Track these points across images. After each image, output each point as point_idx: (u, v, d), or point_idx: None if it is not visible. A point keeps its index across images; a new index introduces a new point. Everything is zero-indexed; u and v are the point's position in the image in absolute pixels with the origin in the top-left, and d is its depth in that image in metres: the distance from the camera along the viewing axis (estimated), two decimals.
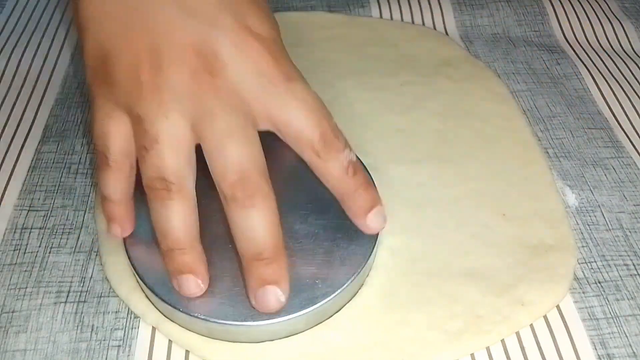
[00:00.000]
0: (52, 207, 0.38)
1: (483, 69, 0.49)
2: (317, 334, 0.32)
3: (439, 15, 0.55)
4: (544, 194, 0.39)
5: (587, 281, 0.35)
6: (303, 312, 0.31)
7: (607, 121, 0.45)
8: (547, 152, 0.43)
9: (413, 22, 0.54)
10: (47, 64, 0.49)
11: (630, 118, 0.46)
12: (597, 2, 0.56)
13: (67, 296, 0.34)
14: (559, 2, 0.56)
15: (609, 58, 0.51)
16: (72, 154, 0.42)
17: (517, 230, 0.37)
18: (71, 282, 0.35)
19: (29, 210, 0.38)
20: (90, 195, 0.39)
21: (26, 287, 0.34)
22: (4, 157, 0.41)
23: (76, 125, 0.44)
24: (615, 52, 0.52)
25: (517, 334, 0.33)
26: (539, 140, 0.44)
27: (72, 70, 0.49)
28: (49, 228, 0.37)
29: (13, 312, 0.33)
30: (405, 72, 0.48)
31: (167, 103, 0.29)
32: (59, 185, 0.40)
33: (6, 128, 0.43)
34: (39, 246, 0.36)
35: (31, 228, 0.37)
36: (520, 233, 0.37)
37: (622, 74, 0.49)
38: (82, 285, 0.35)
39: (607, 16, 0.55)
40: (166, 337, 0.33)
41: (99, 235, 0.37)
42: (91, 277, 0.35)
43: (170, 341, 0.33)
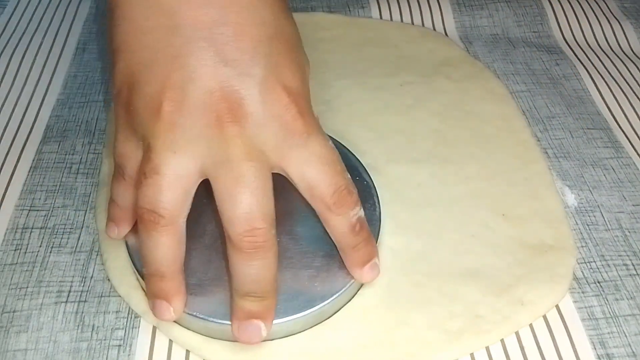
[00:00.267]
0: (53, 207, 0.39)
1: (482, 70, 0.49)
2: (317, 334, 0.32)
3: (439, 15, 0.55)
4: (544, 194, 0.39)
5: (587, 281, 0.36)
6: (301, 315, 0.31)
7: (606, 121, 0.45)
8: (547, 153, 0.43)
9: (413, 23, 0.54)
10: (49, 65, 0.49)
11: (629, 118, 0.46)
12: (597, 3, 0.56)
13: (68, 296, 0.34)
14: (559, 3, 0.56)
15: (608, 59, 0.51)
16: (73, 154, 0.42)
17: (517, 230, 0.37)
18: (72, 282, 0.35)
19: (30, 210, 0.38)
20: (91, 195, 0.39)
21: (27, 287, 0.34)
22: (5, 157, 0.41)
23: (77, 125, 0.44)
24: (614, 53, 0.52)
25: (517, 334, 0.33)
26: (539, 140, 0.44)
27: (74, 70, 0.49)
28: (50, 228, 0.37)
29: (14, 312, 0.33)
30: (405, 72, 0.48)
31: (179, 141, 0.29)
32: (60, 185, 0.40)
33: (7, 128, 0.43)
34: (40, 246, 0.36)
35: (32, 228, 0.37)
36: (520, 233, 0.37)
37: (621, 75, 0.49)
38: (83, 285, 0.35)
39: (607, 17, 0.55)
40: (166, 337, 0.33)
41: (100, 234, 0.37)
42: (92, 277, 0.35)
43: (170, 341, 0.33)
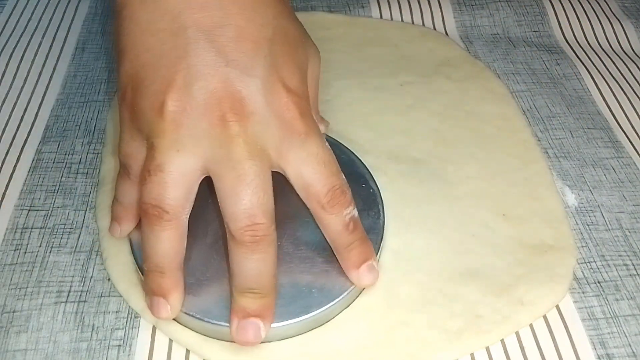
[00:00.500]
0: (53, 207, 0.39)
1: (483, 69, 0.49)
2: (317, 334, 0.32)
3: (439, 15, 0.55)
4: (544, 194, 0.39)
5: (587, 281, 0.35)
6: (296, 320, 0.31)
7: (607, 121, 0.45)
8: (547, 152, 0.43)
9: (413, 23, 0.54)
10: (48, 65, 0.49)
11: (629, 118, 0.46)
12: (597, 2, 0.56)
13: (68, 296, 0.34)
14: (559, 2, 0.56)
15: (609, 58, 0.51)
16: (73, 154, 0.42)
17: (517, 230, 0.37)
18: (72, 282, 0.35)
19: (30, 210, 0.38)
20: (90, 195, 0.39)
21: (27, 287, 0.34)
22: (5, 157, 0.41)
23: (77, 125, 0.44)
24: (615, 53, 0.52)
25: (517, 334, 0.33)
26: (539, 140, 0.44)
27: (73, 70, 0.49)
28: (50, 228, 0.37)
29: (14, 312, 0.33)
30: (405, 72, 0.48)
31: (183, 139, 0.29)
32: (60, 185, 0.40)
33: (7, 128, 0.43)
34: (40, 246, 0.36)
35: (32, 228, 0.37)
36: (520, 233, 0.37)
37: (622, 75, 0.49)
38: (83, 285, 0.35)
39: (607, 16, 0.55)
40: (166, 337, 0.33)
41: (100, 232, 0.37)
42: (91, 277, 0.35)
43: (170, 341, 0.33)
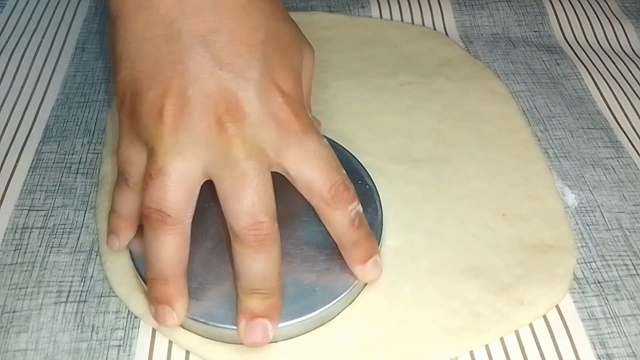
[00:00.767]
0: (53, 207, 0.39)
1: (483, 69, 0.49)
2: (319, 333, 0.32)
3: (439, 15, 0.55)
4: (544, 194, 0.39)
5: (587, 281, 0.35)
6: (300, 320, 0.31)
7: (607, 121, 0.45)
8: (547, 152, 0.43)
9: (413, 23, 0.54)
10: (48, 64, 0.49)
11: (629, 118, 0.46)
12: (597, 2, 0.56)
13: (68, 296, 0.34)
14: (559, 2, 0.56)
15: (609, 58, 0.51)
16: (73, 154, 0.42)
17: (517, 230, 0.37)
18: (72, 282, 0.35)
19: (30, 210, 0.38)
20: (90, 195, 0.39)
21: (27, 287, 0.34)
22: (5, 157, 0.41)
23: (77, 125, 0.44)
24: (615, 53, 0.52)
25: (517, 334, 0.33)
26: (539, 140, 0.44)
27: (73, 70, 0.49)
28: (50, 228, 0.37)
29: (14, 312, 0.33)
30: (405, 72, 0.48)
31: (182, 142, 0.30)
32: (60, 185, 0.40)
33: (7, 128, 0.43)
34: (40, 246, 0.36)
35: (32, 228, 0.37)
36: (520, 233, 0.37)
37: (622, 75, 0.49)
38: (83, 285, 0.35)
39: (607, 16, 0.55)
40: (166, 338, 0.33)
41: (100, 235, 0.37)
42: (91, 277, 0.35)
43: (170, 341, 0.33)
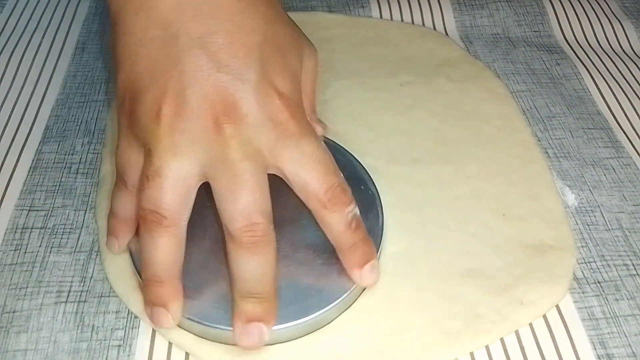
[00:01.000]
0: (53, 207, 0.39)
1: (483, 69, 0.49)
2: (317, 338, 0.32)
3: (439, 15, 0.55)
4: (544, 194, 0.39)
5: (587, 281, 0.35)
6: (295, 323, 0.31)
7: (607, 121, 0.45)
8: (547, 152, 0.43)
9: (413, 22, 0.54)
10: (48, 64, 0.49)
11: (629, 118, 0.46)
12: (597, 2, 0.56)
13: (68, 296, 0.34)
14: (559, 2, 0.56)
15: (609, 58, 0.51)
16: (73, 154, 0.42)
17: (517, 230, 0.37)
18: (72, 282, 0.35)
19: (30, 210, 0.38)
20: (90, 195, 0.39)
21: (27, 287, 0.34)
22: (5, 158, 0.41)
23: (77, 125, 0.44)
24: (615, 53, 0.52)
25: (517, 334, 0.33)
26: (539, 140, 0.44)
27: (73, 70, 0.49)
28: (50, 228, 0.37)
29: (14, 312, 0.33)
30: (405, 72, 0.48)
31: (179, 144, 0.30)
32: (60, 185, 0.40)
33: (7, 128, 0.43)
34: (40, 246, 0.36)
35: (32, 228, 0.37)
36: (520, 233, 0.37)
37: (622, 74, 0.49)
38: (83, 285, 0.35)
39: (607, 16, 0.55)
40: (165, 338, 0.33)
41: (100, 234, 0.37)
42: (91, 277, 0.35)
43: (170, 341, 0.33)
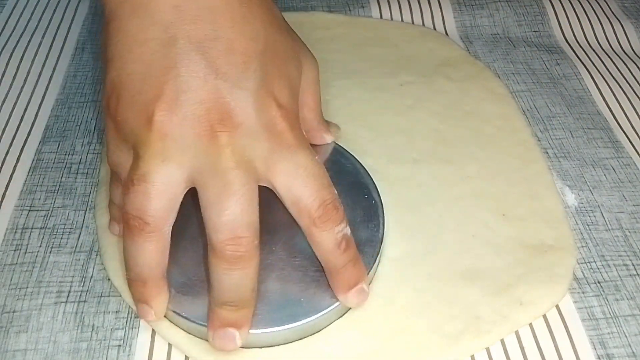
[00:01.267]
0: (53, 207, 0.39)
1: (483, 69, 0.49)
2: (313, 343, 0.32)
3: (439, 15, 0.55)
4: (544, 194, 0.39)
5: (587, 281, 0.35)
6: (280, 328, 0.31)
7: (607, 121, 0.45)
8: (547, 153, 0.43)
9: (413, 22, 0.54)
10: (48, 64, 0.49)
11: (629, 118, 0.46)
12: (597, 2, 0.56)
13: (68, 296, 0.34)
14: (559, 2, 0.56)
15: (609, 58, 0.51)
16: (73, 154, 0.42)
17: (517, 230, 0.37)
18: (71, 282, 0.35)
19: (30, 210, 0.38)
20: (90, 195, 0.39)
21: (27, 287, 0.34)
22: (5, 158, 0.41)
23: (77, 125, 0.44)
24: (615, 53, 0.52)
25: (517, 334, 0.33)
26: (539, 140, 0.44)
27: (73, 70, 0.49)
28: (50, 228, 0.37)
29: (14, 312, 0.33)
30: (405, 72, 0.48)
31: (169, 150, 0.29)
32: (60, 185, 0.40)
33: (7, 128, 0.43)
34: (40, 246, 0.36)
35: (32, 228, 0.37)
36: (520, 233, 0.37)
37: (622, 74, 0.49)
38: (83, 285, 0.35)
39: (607, 16, 0.55)
40: (164, 339, 0.33)
41: (99, 230, 0.37)
42: (91, 277, 0.35)
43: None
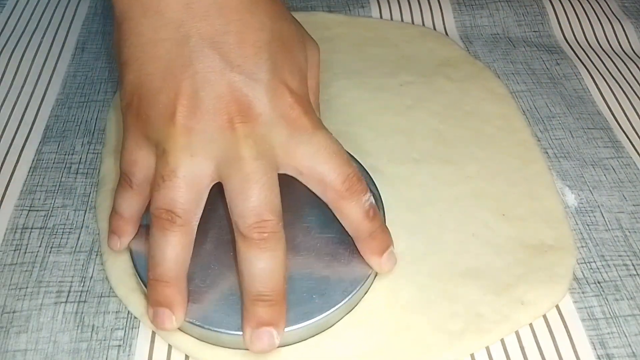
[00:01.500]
0: (53, 207, 0.39)
1: (483, 69, 0.49)
2: (318, 341, 0.32)
3: (439, 15, 0.55)
4: (544, 194, 0.39)
5: (587, 281, 0.35)
6: (297, 327, 0.31)
7: (607, 121, 0.45)
8: (547, 153, 0.43)
9: (413, 22, 0.54)
10: (48, 64, 0.49)
11: (629, 118, 0.46)
12: (597, 2, 0.56)
13: (68, 296, 0.34)
14: (559, 2, 0.56)
15: (609, 58, 0.51)
16: (73, 154, 0.42)
17: (517, 230, 0.37)
18: (71, 282, 0.35)
19: (30, 210, 0.38)
20: (90, 195, 0.39)
21: (27, 287, 0.34)
22: (5, 158, 0.41)
23: (77, 125, 0.44)
24: (615, 53, 0.52)
25: (517, 334, 0.33)
26: (539, 140, 0.44)
27: (73, 70, 0.49)
28: (50, 228, 0.37)
29: (14, 312, 0.33)
30: (405, 72, 0.48)
31: (195, 144, 0.30)
32: (60, 185, 0.40)
33: (7, 128, 0.43)
34: (40, 246, 0.36)
35: (32, 228, 0.37)
36: (520, 233, 0.37)
37: (622, 74, 0.49)
38: (83, 285, 0.35)
39: (607, 16, 0.55)
40: (165, 340, 0.33)
41: (101, 234, 0.37)
42: (91, 277, 0.35)
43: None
